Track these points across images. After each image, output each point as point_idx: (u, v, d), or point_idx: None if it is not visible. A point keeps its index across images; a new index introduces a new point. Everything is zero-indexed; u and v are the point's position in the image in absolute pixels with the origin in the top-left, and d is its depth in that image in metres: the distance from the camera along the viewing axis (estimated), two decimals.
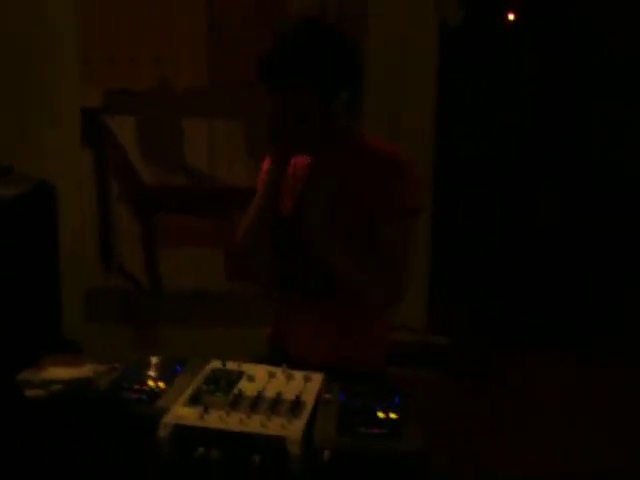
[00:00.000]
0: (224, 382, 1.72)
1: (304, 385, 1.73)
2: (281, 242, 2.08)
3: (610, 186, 5.94)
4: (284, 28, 1.90)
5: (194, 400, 1.64)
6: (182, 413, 1.59)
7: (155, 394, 1.70)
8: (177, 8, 3.42)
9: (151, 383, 1.75)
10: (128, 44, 3.42)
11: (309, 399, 1.66)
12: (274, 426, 1.53)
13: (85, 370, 1.84)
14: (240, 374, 1.77)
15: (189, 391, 1.68)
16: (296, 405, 1.62)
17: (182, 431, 1.54)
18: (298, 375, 1.78)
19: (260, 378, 1.76)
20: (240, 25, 3.38)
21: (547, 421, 3.71)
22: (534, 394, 4.03)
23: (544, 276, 5.59)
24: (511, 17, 7.56)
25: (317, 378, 1.78)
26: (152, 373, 1.81)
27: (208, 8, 3.42)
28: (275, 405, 1.62)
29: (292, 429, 1.52)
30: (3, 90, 2.96)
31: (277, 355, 2.04)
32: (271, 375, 1.78)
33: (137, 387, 1.73)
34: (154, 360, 1.86)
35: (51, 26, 3.39)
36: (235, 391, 1.68)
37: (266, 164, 2.04)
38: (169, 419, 1.56)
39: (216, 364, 1.84)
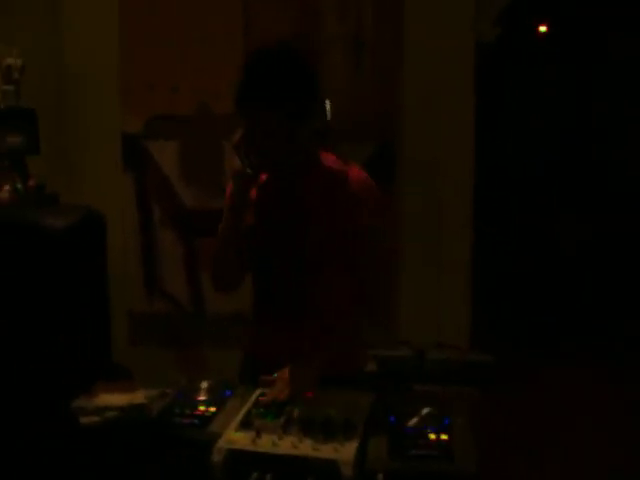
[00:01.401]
0: (274, 405, 1.74)
1: (354, 406, 1.74)
2: (262, 262, 2.16)
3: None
4: (250, 55, 1.98)
5: (246, 424, 1.66)
6: (235, 438, 1.60)
7: (207, 419, 1.73)
8: (214, 35, 3.46)
9: (202, 408, 1.78)
10: (167, 72, 3.47)
11: (359, 421, 1.66)
12: (327, 449, 1.54)
13: (138, 396, 1.86)
14: None
15: (240, 415, 1.70)
16: (347, 427, 1.62)
17: (235, 456, 1.56)
18: (347, 396, 1.79)
19: (309, 400, 1.78)
20: None
21: (582, 438, 3.69)
22: (570, 410, 4.01)
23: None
24: (543, 29, 7.54)
25: (366, 398, 1.79)
26: (203, 397, 1.83)
27: (245, 35, 3.46)
28: (326, 428, 1.63)
29: (344, 452, 1.53)
30: (46, 118, 3.02)
31: (252, 367, 2.06)
32: (319, 396, 1.79)
33: (189, 412, 1.76)
34: (204, 384, 1.89)
35: (93, 55, 3.46)
36: (285, 414, 1.70)
37: (230, 188, 2.08)
38: (222, 444, 1.58)
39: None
